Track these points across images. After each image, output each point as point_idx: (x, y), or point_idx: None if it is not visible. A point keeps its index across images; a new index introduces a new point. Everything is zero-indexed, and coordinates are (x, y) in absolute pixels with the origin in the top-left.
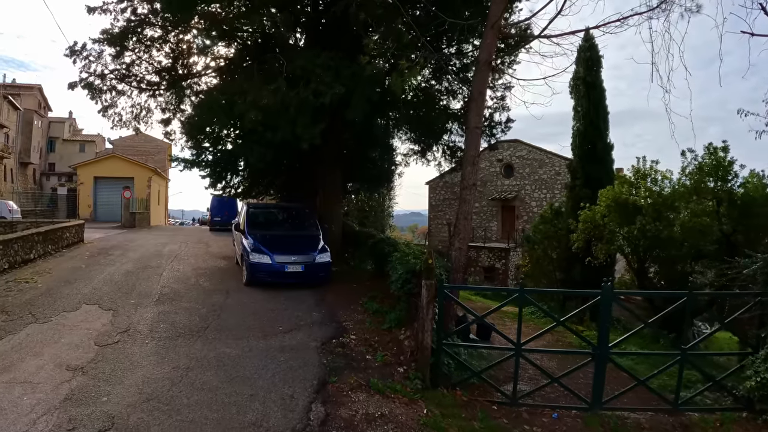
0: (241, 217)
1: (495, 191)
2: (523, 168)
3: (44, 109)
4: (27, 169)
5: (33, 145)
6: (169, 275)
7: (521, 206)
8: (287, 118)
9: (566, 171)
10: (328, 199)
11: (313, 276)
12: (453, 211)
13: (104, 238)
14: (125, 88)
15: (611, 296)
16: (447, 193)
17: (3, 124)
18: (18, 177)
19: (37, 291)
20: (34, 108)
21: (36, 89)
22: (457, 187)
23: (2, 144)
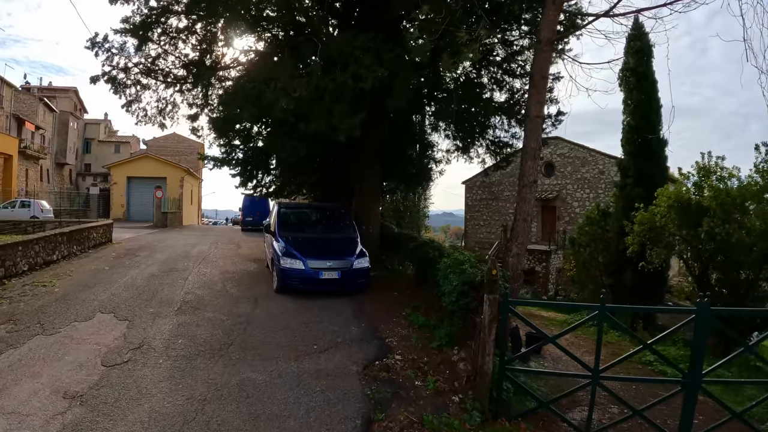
0: (271, 218)
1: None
2: (565, 166)
3: (80, 111)
4: (63, 169)
5: (69, 146)
6: (194, 279)
7: (562, 206)
8: (322, 107)
9: (610, 169)
10: (365, 198)
11: (350, 283)
12: (490, 211)
13: (134, 239)
14: (150, 82)
15: (709, 316)
16: (484, 192)
17: (39, 125)
18: (54, 177)
19: (53, 296)
20: (70, 110)
21: (72, 92)
22: (495, 187)
23: (38, 145)
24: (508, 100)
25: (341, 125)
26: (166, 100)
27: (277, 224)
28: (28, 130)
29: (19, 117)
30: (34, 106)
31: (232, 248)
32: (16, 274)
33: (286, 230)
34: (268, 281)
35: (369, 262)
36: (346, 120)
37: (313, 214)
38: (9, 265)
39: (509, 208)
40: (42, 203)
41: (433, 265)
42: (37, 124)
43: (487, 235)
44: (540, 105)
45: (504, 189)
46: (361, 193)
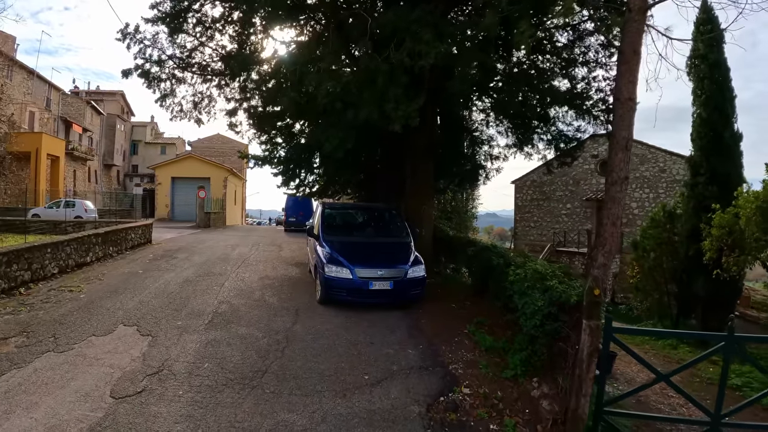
0: (314, 220)
1: (589, 190)
2: None
3: (127, 114)
4: (111, 170)
5: (116, 148)
6: (231, 286)
7: None
8: (373, 91)
9: (671, 167)
10: (417, 197)
11: (403, 294)
12: (541, 212)
13: (174, 239)
14: (186, 75)
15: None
16: (535, 192)
17: (86, 128)
18: (102, 178)
19: (76, 304)
20: (117, 113)
21: (119, 95)
22: (546, 187)
23: (86, 147)
24: (571, 90)
25: (397, 112)
26: (202, 93)
27: (322, 227)
28: (76, 132)
29: (67, 119)
30: (82, 109)
31: (274, 250)
32: (44, 278)
33: (332, 234)
34: (310, 290)
35: (425, 270)
36: (403, 106)
37: (362, 216)
38: (36, 268)
39: (561, 210)
40: (86, 203)
41: (497, 275)
42: (84, 126)
43: (538, 237)
44: (632, 85)
45: (556, 189)
46: (413, 191)
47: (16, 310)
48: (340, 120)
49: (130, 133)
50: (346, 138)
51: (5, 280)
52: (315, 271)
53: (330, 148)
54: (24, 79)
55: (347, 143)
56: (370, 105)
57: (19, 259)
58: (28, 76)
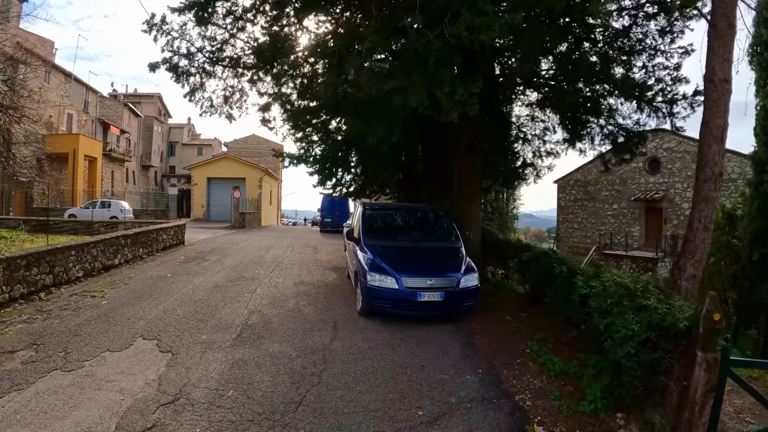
0: (354, 221)
1: (637, 190)
2: (672, 162)
3: (164, 116)
4: (148, 171)
5: (153, 149)
6: (263, 293)
7: (669, 208)
8: (424, 74)
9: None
10: (464, 197)
11: (454, 306)
12: (586, 213)
13: (208, 240)
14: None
15: None
16: (579, 192)
17: (124, 129)
18: (140, 179)
19: (96, 311)
20: (154, 115)
21: (156, 97)
22: (591, 186)
23: (124, 148)
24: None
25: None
26: (233, 87)
27: (363, 229)
28: (113, 134)
29: (104, 121)
30: (119, 112)
31: (309, 252)
32: (67, 281)
33: (374, 237)
34: (349, 298)
35: (478, 278)
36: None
37: (406, 217)
38: (59, 271)
39: (607, 210)
40: (122, 203)
41: (559, 285)
42: (122, 128)
43: (581, 239)
44: (727, 64)
45: (601, 189)
46: (460, 191)
47: (31, 318)
48: (384, 109)
49: (167, 135)
50: (392, 129)
51: (24, 284)
52: (355, 279)
53: (374, 140)
54: (61, 82)
55: (392, 135)
56: (418, 90)
57: (39, 263)
58: (66, 79)
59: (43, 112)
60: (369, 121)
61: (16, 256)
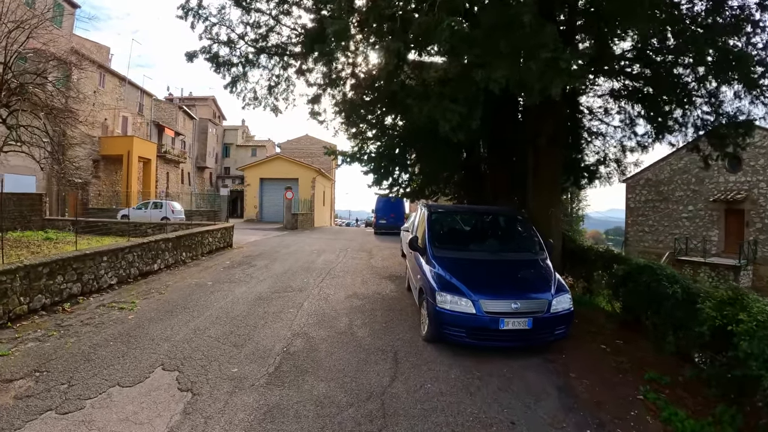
0: (416, 225)
1: (716, 190)
2: (756, 159)
3: (218, 118)
4: (204, 172)
5: (208, 151)
6: (311, 308)
7: (753, 210)
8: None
9: None
10: (542, 197)
11: (543, 336)
12: (658, 215)
13: (258, 242)
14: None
15: None
16: (651, 193)
17: (179, 131)
18: (195, 180)
19: (119, 328)
20: (209, 117)
21: (210, 100)
22: (663, 186)
23: (179, 150)
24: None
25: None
26: (278, 77)
27: (430, 237)
28: (168, 136)
29: (159, 124)
30: (174, 114)
31: (363, 257)
32: (97, 290)
33: (444, 248)
34: (411, 317)
35: (571, 300)
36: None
37: (479, 223)
38: (88, 279)
39: (682, 212)
40: (173, 204)
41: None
42: (176, 130)
43: (653, 244)
44: None
45: (675, 189)
46: (537, 190)
47: (45, 335)
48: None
49: (222, 137)
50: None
51: (47, 294)
52: (419, 296)
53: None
54: (116, 86)
55: (471, 120)
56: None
57: (65, 270)
58: (120, 83)
59: (98, 114)
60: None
61: (36, 264)
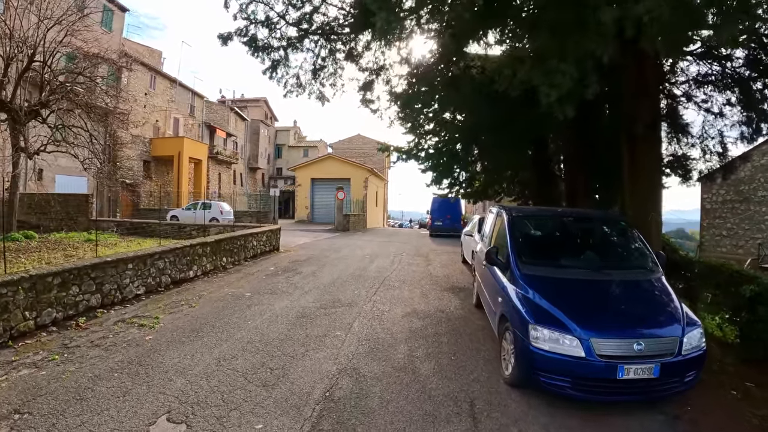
0: (487, 232)
1: None
2: None
3: (270, 119)
4: (256, 173)
5: (260, 152)
6: (361, 331)
7: None
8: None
9: None
10: (639, 197)
11: (671, 384)
12: (737, 218)
13: (306, 245)
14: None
15: None
16: (730, 193)
17: (231, 132)
18: (247, 180)
19: (131, 353)
20: (261, 118)
21: (262, 101)
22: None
23: (231, 151)
24: None
25: None
26: (324, 60)
27: (514, 249)
28: (220, 137)
29: (211, 125)
30: (226, 116)
31: (420, 264)
32: (120, 301)
33: (533, 262)
34: (483, 344)
35: (703, 335)
36: None
37: (574, 231)
38: (109, 289)
39: (765, 214)
40: (222, 205)
41: None
42: (228, 131)
43: (731, 249)
44: None
45: (757, 188)
46: (633, 190)
47: (45, 360)
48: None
49: (273, 138)
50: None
51: (58, 307)
52: (499, 323)
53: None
54: (167, 88)
55: (585, 88)
56: None
57: (81, 280)
58: (171, 85)
59: (150, 116)
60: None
61: (45, 274)
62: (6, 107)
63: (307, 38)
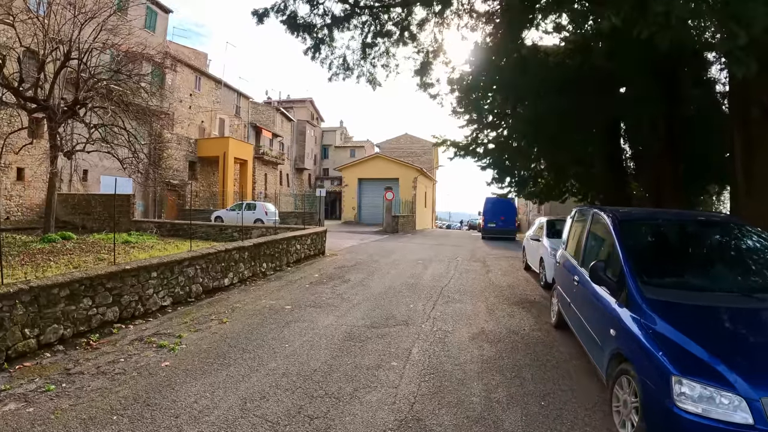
0: (568, 238)
1: None
2: None
3: (316, 120)
4: (302, 174)
5: (306, 152)
6: (422, 360)
7: None
8: None
9: None
10: (757, 195)
11: None
12: None
13: (354, 249)
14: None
15: None
16: None
17: (277, 133)
18: (294, 181)
19: (137, 387)
20: (307, 119)
21: (308, 102)
22: None
23: (277, 151)
24: None
25: None
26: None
27: (629, 265)
28: (266, 137)
29: (257, 126)
30: (272, 116)
31: (479, 270)
32: (143, 314)
33: (659, 284)
34: (578, 381)
35: None
36: None
37: (701, 240)
38: (129, 302)
39: None
40: (267, 206)
41: None
42: (274, 132)
43: None
44: None
45: None
46: (750, 186)
47: (38, 391)
48: None
49: (320, 138)
50: None
51: (67, 323)
52: (609, 362)
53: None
54: (212, 89)
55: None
56: None
57: (94, 292)
58: (216, 86)
59: (195, 117)
60: None
61: (49, 285)
62: (42, 106)
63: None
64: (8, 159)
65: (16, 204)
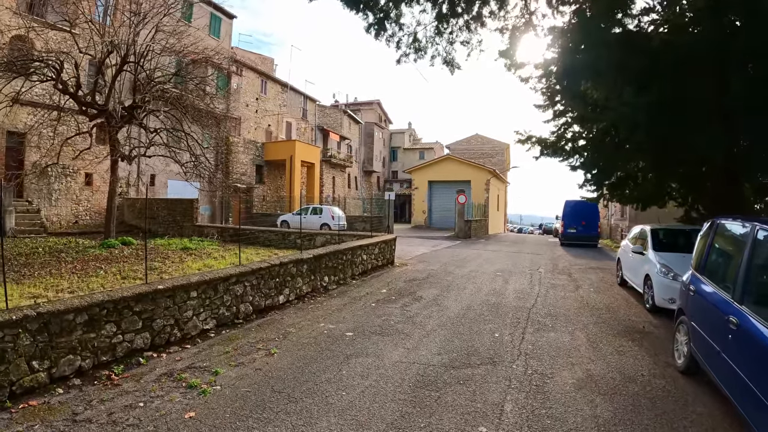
0: (705, 254)
1: None
2: None
3: (384, 122)
4: (371, 176)
5: (375, 155)
6: (517, 424)
7: None
8: None
9: None
10: None
11: None
12: None
13: (426, 257)
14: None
15: None
16: None
17: (344, 136)
18: (362, 184)
19: None
20: (375, 121)
21: (375, 104)
22: None
23: (345, 154)
24: None
25: None
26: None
27: None
28: (333, 140)
29: (324, 128)
30: (339, 119)
31: (566, 285)
32: (179, 340)
33: None
34: None
35: None
36: None
37: None
38: (162, 326)
39: None
40: (333, 210)
41: None
42: (341, 134)
43: None
44: None
45: None
46: None
47: None
48: None
49: (388, 141)
50: None
51: (84, 353)
52: None
53: None
54: (278, 93)
55: None
56: None
57: (119, 315)
58: (282, 90)
59: (262, 120)
60: None
61: (61, 311)
62: (101, 110)
63: None
64: (76, 165)
65: (84, 208)
